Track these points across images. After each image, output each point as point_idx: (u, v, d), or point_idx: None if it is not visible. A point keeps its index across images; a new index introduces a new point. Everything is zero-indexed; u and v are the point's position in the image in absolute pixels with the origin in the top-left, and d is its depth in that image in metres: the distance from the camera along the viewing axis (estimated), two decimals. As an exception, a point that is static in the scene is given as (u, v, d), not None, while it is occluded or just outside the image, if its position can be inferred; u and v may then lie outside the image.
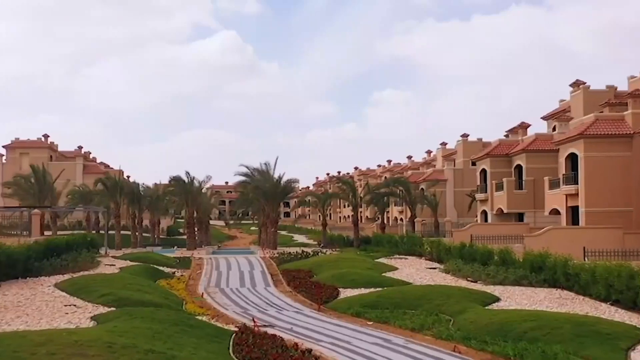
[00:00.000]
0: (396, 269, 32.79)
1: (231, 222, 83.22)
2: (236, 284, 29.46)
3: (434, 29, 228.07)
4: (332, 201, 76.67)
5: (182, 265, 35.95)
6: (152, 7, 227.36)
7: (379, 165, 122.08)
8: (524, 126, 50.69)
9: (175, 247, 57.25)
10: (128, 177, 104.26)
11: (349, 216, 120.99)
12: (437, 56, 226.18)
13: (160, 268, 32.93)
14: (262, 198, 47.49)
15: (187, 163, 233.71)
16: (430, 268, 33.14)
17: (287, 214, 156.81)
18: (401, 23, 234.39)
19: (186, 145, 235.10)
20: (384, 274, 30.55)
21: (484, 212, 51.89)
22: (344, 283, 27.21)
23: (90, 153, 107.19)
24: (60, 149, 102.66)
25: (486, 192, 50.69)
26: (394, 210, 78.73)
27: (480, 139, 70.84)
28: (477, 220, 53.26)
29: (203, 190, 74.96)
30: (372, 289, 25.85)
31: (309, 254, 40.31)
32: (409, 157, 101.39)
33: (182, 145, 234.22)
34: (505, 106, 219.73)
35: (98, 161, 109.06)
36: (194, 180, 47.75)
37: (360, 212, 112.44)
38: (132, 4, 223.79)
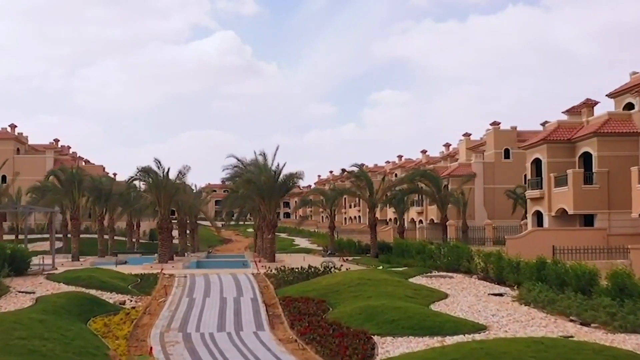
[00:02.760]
0: (446, 296, 22.81)
1: (220, 224, 73.09)
2: (212, 323, 19.35)
3: (431, 30, 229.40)
4: (338, 201, 66.60)
5: (142, 287, 25.83)
6: (150, 7, 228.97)
7: (388, 162, 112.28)
8: (589, 104, 40.22)
9: (157, 254, 47.53)
10: (115, 174, 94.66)
11: (355, 217, 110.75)
12: (435, 57, 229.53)
13: (106, 295, 22.76)
14: (257, 195, 37.18)
15: (186, 164, 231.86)
16: (495, 294, 23.14)
17: (287, 215, 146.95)
18: (399, 24, 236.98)
19: (185, 146, 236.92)
20: (432, 306, 20.62)
21: (537, 214, 41.57)
22: (379, 326, 17.22)
23: (69, 147, 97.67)
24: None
25: (541, 187, 40.38)
26: (411, 211, 68.51)
27: (514, 127, 61.08)
28: (525, 224, 43.22)
29: (194, 189, 65.05)
30: (427, 339, 16.00)
31: (319, 270, 30.15)
32: (424, 152, 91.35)
33: (181, 146, 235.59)
34: (504, 107, 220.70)
35: (88, 160, 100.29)
36: (168, 173, 37.17)
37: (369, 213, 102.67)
38: (130, 5, 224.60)
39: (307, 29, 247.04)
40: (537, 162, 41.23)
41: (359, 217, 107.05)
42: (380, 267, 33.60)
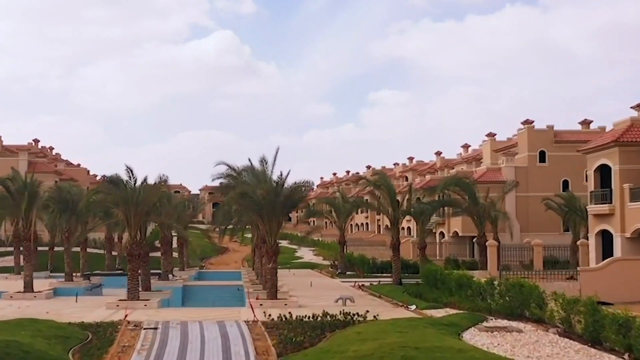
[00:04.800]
0: (533, 376, 15.32)
1: (215, 229, 65.42)
2: None
3: (430, 30, 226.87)
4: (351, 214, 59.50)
5: (90, 352, 18.21)
6: (150, 7, 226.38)
7: (396, 164, 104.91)
8: (672, 97, 32.79)
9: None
10: (104, 176, 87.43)
11: (363, 224, 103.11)
12: (434, 57, 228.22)
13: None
14: (254, 212, 29.52)
15: (185, 164, 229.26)
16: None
17: (288, 218, 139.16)
18: (397, 23, 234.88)
19: (185, 146, 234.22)
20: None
21: (603, 234, 34.05)
22: None
23: (52, 149, 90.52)
24: (59, 151, 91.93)
25: (609, 201, 32.88)
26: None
27: (550, 126, 53.65)
28: (584, 244, 35.67)
29: (191, 191, 57.54)
30: None
31: (337, 319, 22.37)
32: (438, 153, 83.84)
33: (181, 146, 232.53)
34: (504, 107, 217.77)
35: (75, 161, 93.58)
36: (144, 183, 29.00)
37: (379, 220, 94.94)
38: (129, 5, 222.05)
39: (306, 29, 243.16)
40: (603, 169, 33.73)
41: (367, 224, 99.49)
42: (414, 307, 26.11)
